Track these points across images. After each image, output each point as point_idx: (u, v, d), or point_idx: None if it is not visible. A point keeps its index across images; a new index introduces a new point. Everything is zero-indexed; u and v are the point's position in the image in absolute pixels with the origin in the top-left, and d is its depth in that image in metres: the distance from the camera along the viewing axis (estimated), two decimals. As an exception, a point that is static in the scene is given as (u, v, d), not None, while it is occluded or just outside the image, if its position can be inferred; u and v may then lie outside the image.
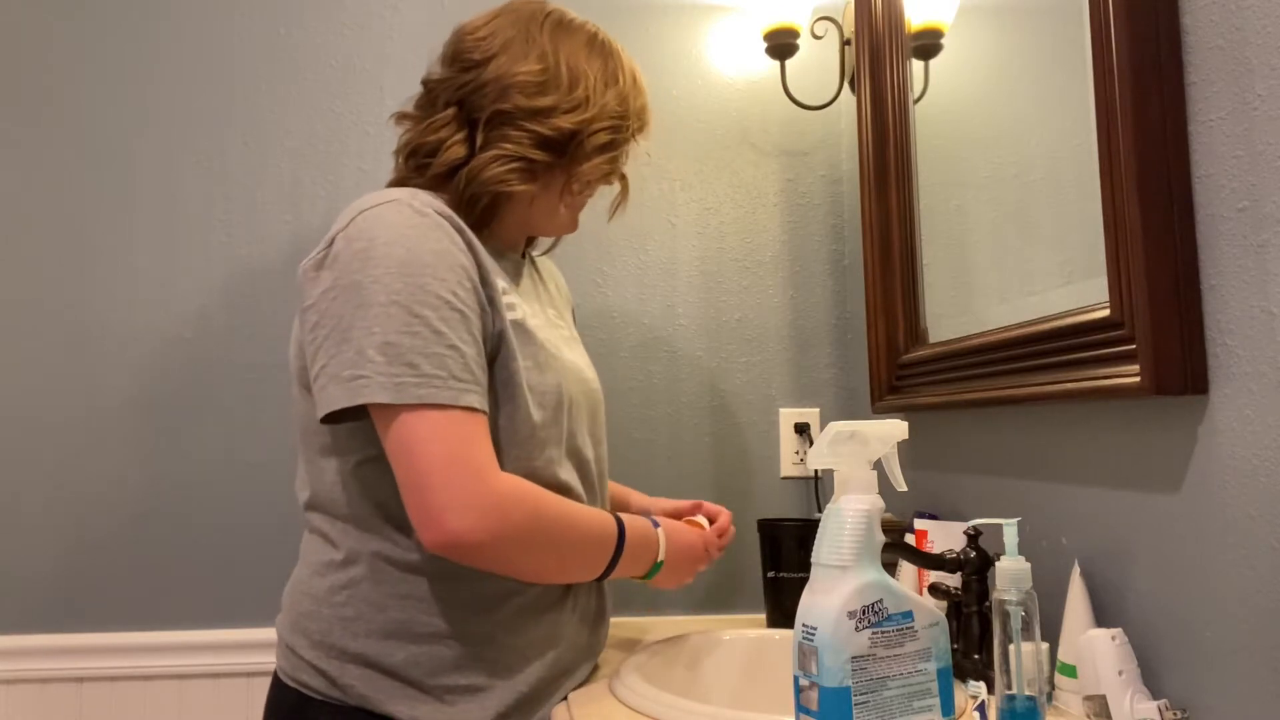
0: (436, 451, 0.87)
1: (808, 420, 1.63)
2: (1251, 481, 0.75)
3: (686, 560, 1.11)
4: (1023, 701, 0.75)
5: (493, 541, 0.88)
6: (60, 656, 1.47)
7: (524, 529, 0.90)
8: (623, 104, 1.06)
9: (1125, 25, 0.83)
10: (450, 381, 0.88)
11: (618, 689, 1.02)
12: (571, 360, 1.05)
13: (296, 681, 0.97)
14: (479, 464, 0.88)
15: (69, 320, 1.53)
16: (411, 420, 0.87)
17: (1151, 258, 0.81)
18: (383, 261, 0.89)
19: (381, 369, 0.87)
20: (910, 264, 1.38)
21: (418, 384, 0.87)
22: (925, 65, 1.36)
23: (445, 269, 0.91)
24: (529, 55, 1.01)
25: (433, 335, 0.88)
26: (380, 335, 0.87)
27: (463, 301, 0.91)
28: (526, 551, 0.92)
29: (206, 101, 1.59)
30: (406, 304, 0.88)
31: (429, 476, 0.87)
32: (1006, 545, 0.78)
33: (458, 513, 0.86)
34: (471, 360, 0.90)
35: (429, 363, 0.88)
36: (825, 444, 0.77)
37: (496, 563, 0.92)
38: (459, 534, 0.86)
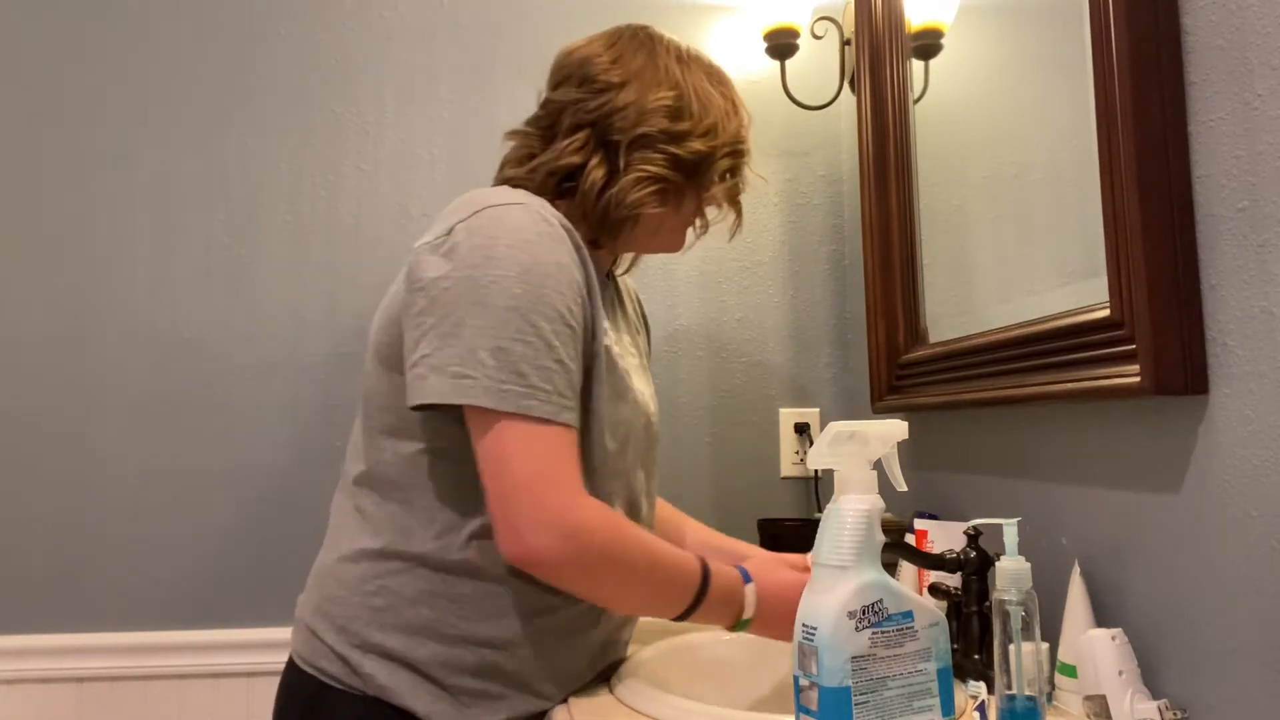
0: (529, 467, 0.88)
1: (808, 420, 1.63)
2: (1251, 481, 0.75)
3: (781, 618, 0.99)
4: (1023, 701, 0.75)
5: (568, 565, 0.88)
6: (60, 656, 1.47)
7: (601, 558, 0.89)
8: (740, 131, 1.08)
9: (1125, 25, 0.83)
10: (554, 396, 0.89)
11: (618, 689, 1.01)
12: (639, 391, 1.05)
13: (315, 668, 0.96)
14: (568, 484, 0.89)
15: (69, 320, 1.53)
16: (510, 430, 0.88)
17: (1151, 258, 0.81)
18: (505, 263, 0.89)
19: (491, 373, 0.87)
20: (910, 264, 1.38)
21: (523, 394, 0.87)
22: (925, 65, 1.36)
23: (565, 283, 0.91)
24: (661, 82, 1.04)
25: (545, 347, 0.89)
26: (493, 339, 0.88)
27: (575, 318, 0.92)
28: (600, 580, 0.92)
29: (206, 101, 1.59)
30: (524, 311, 0.88)
31: (518, 490, 0.87)
32: (1006, 545, 0.78)
33: (540, 531, 0.86)
34: (575, 378, 0.91)
35: (537, 375, 0.88)
36: (825, 444, 0.77)
37: (570, 585, 0.92)
38: (537, 552, 0.86)
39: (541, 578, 0.90)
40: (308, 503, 1.53)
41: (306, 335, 1.56)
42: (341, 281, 1.58)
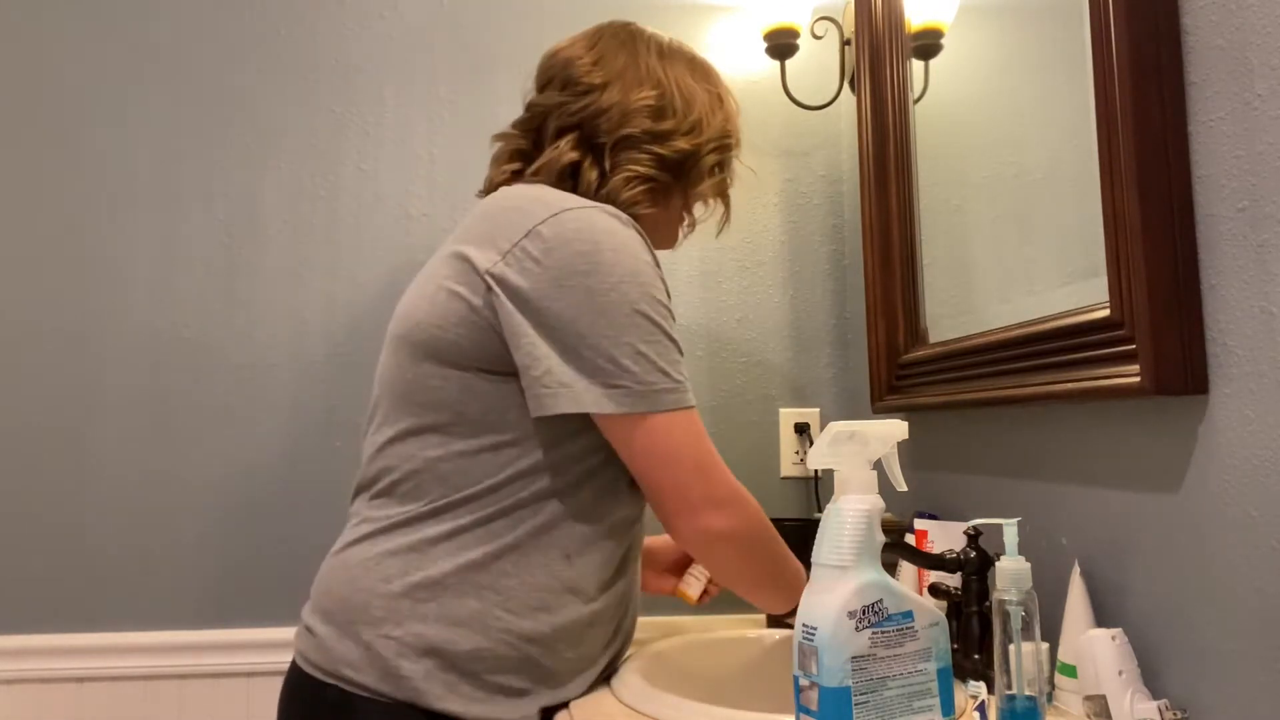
0: (694, 454, 0.95)
1: (808, 420, 1.63)
2: (1251, 481, 0.75)
3: None
4: (1023, 701, 0.75)
5: (742, 536, 0.97)
6: (60, 656, 1.47)
7: (756, 530, 0.99)
8: (728, 123, 1.10)
9: (1125, 25, 0.83)
10: (687, 384, 0.96)
11: (618, 689, 1.02)
12: None
13: (336, 676, 0.92)
14: (723, 464, 0.98)
15: (69, 320, 1.53)
16: (665, 425, 0.94)
17: (1151, 258, 0.81)
18: (615, 269, 0.93)
19: (639, 378, 0.92)
20: (910, 264, 1.38)
21: (670, 390, 0.94)
22: (925, 65, 1.36)
23: (659, 279, 0.97)
24: (643, 81, 1.06)
25: (670, 343, 0.96)
26: (631, 344, 0.92)
27: (671, 313, 0.98)
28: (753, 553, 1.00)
29: (207, 101, 1.59)
30: (647, 313, 0.94)
31: (691, 475, 0.95)
32: (1006, 545, 0.78)
33: (720, 507, 0.95)
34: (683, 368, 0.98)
35: (675, 369, 0.95)
36: (825, 444, 0.77)
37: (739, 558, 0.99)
38: (719, 526, 0.95)
39: (718, 554, 0.99)
40: (308, 502, 1.53)
41: (306, 335, 1.57)
42: (341, 281, 1.58)
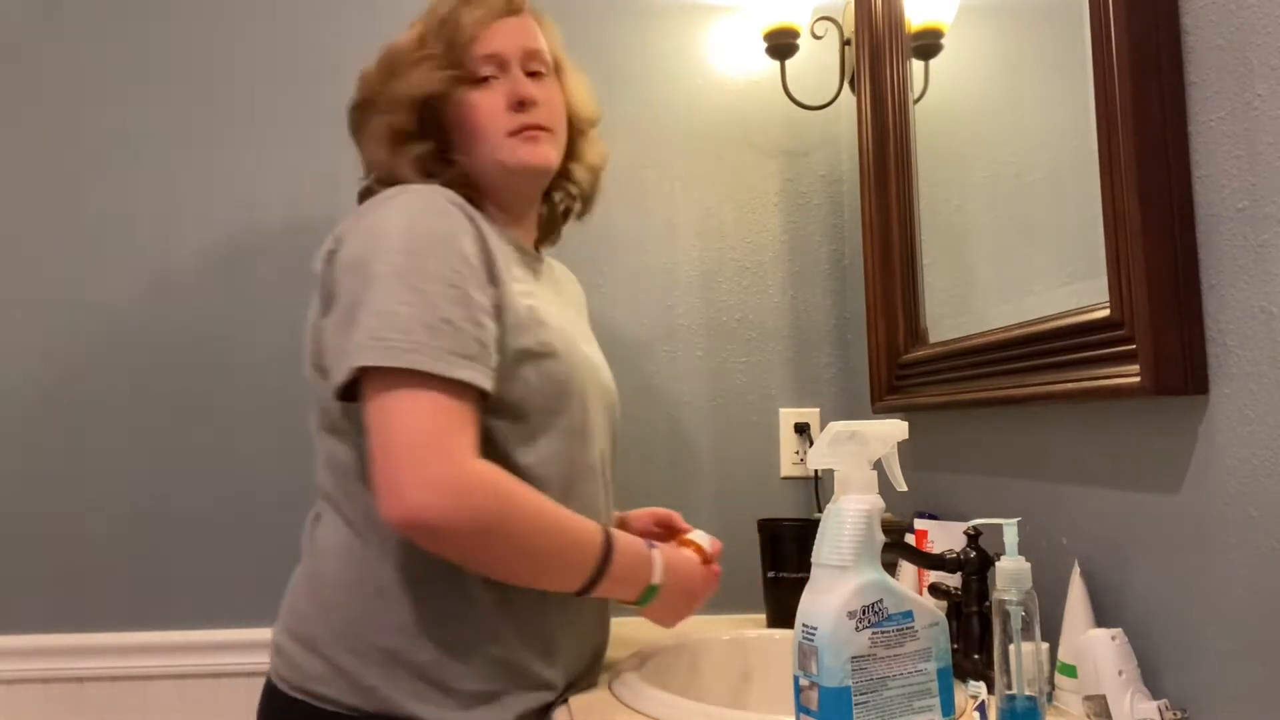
0: (413, 423, 0.85)
1: (808, 420, 1.63)
2: (1251, 481, 0.75)
3: (684, 592, 1.04)
4: (1023, 701, 0.75)
5: (449, 526, 0.84)
6: (60, 656, 1.47)
7: (486, 519, 0.86)
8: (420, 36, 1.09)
9: (1125, 25, 0.83)
10: (442, 353, 0.86)
11: (618, 689, 1.02)
12: (587, 354, 1.06)
13: (304, 691, 0.93)
14: (454, 442, 0.85)
15: (69, 320, 1.53)
16: (396, 387, 0.86)
17: (1151, 258, 0.81)
18: (387, 239, 0.91)
19: (374, 334, 0.86)
20: (910, 264, 1.38)
21: (408, 349, 0.86)
22: (925, 65, 1.36)
23: (447, 249, 0.91)
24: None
25: (427, 307, 0.87)
26: (378, 305, 0.87)
27: (465, 280, 0.91)
28: (486, 545, 0.88)
29: (207, 100, 1.59)
30: (406, 278, 0.88)
31: (399, 448, 0.84)
32: (1006, 545, 0.78)
33: (419, 489, 0.83)
34: (470, 338, 0.89)
35: (424, 332, 0.87)
36: (825, 444, 0.77)
37: (455, 550, 0.88)
38: (415, 511, 0.83)
39: (424, 544, 0.87)
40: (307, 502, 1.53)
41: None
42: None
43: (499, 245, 0.98)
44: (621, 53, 1.66)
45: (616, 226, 1.63)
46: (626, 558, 0.96)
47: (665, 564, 1.00)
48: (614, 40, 1.66)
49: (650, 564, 0.99)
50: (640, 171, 1.64)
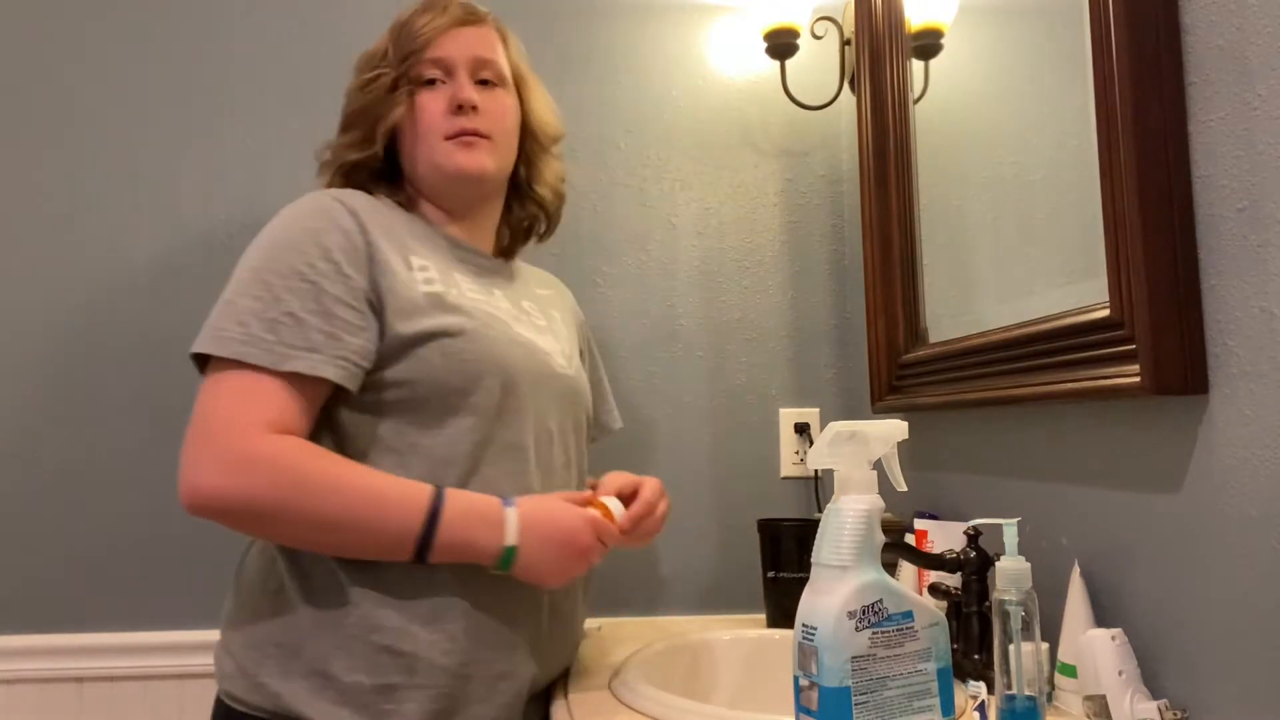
0: (214, 407, 0.89)
1: (808, 420, 1.63)
2: (1251, 481, 0.75)
3: (555, 548, 0.96)
4: (1023, 701, 0.75)
5: (225, 505, 0.87)
6: (60, 656, 1.47)
7: (267, 495, 0.87)
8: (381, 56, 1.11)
9: (1125, 25, 0.83)
10: (275, 346, 0.90)
11: (618, 689, 1.02)
12: (523, 339, 1.05)
13: (224, 691, 0.97)
14: (247, 422, 0.88)
15: (69, 319, 1.53)
16: (219, 375, 0.91)
17: (1151, 258, 0.81)
18: (259, 240, 0.98)
19: (219, 324, 0.92)
20: (910, 264, 1.38)
21: (242, 341, 0.90)
22: (925, 65, 1.36)
23: (309, 244, 0.96)
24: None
25: (272, 302, 0.92)
26: (226, 298, 0.94)
27: (321, 274, 0.94)
28: (275, 520, 0.89)
29: (207, 100, 1.59)
30: (259, 272, 0.94)
31: (195, 432, 0.89)
32: (1006, 545, 0.78)
33: (203, 470, 0.86)
34: (313, 329, 0.92)
35: (260, 325, 0.91)
36: (825, 444, 0.77)
37: (247, 527, 0.92)
38: (194, 492, 0.86)
39: (222, 523, 0.89)
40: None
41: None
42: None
43: (406, 238, 1.03)
44: (622, 53, 1.66)
45: (616, 226, 1.63)
46: (463, 519, 0.92)
47: (524, 523, 0.94)
48: (614, 40, 1.66)
49: (501, 524, 0.93)
50: (640, 171, 1.64)
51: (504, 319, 1.05)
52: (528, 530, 0.94)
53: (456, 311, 1.00)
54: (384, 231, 1.01)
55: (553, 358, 1.09)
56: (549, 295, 1.24)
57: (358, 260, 0.97)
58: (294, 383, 0.91)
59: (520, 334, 1.06)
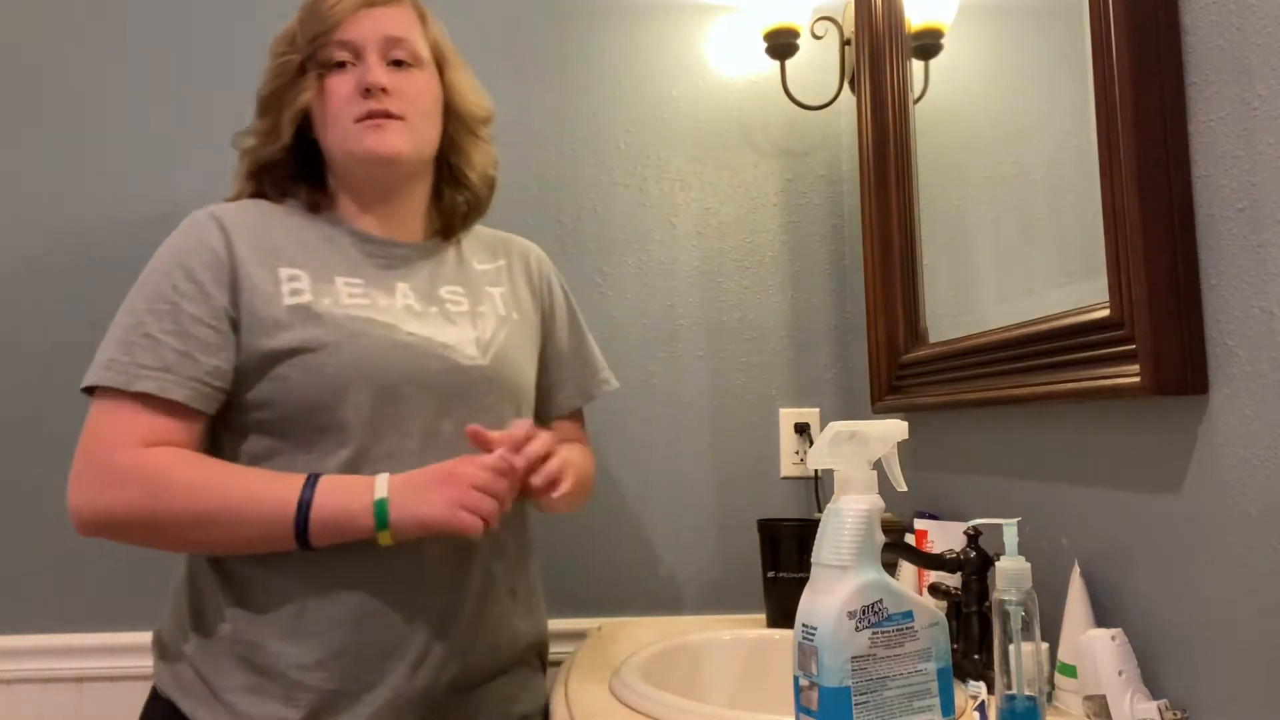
0: (92, 432, 0.95)
1: (808, 420, 1.63)
2: (1251, 481, 0.75)
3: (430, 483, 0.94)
4: (1023, 701, 0.75)
5: (103, 520, 0.93)
6: (60, 656, 1.47)
7: (138, 506, 0.92)
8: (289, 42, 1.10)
9: (1125, 25, 0.83)
10: (129, 368, 0.95)
11: (618, 689, 1.02)
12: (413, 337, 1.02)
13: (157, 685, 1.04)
14: (114, 442, 0.93)
15: (69, 319, 1.53)
16: (95, 401, 0.97)
17: (1151, 258, 0.81)
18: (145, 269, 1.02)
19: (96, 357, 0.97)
20: (910, 264, 1.38)
21: (103, 367, 0.96)
22: (925, 65, 1.36)
23: (175, 266, 0.99)
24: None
25: (133, 325, 0.97)
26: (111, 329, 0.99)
27: (181, 294, 0.98)
28: (152, 528, 0.94)
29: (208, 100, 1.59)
30: (132, 300, 0.99)
31: (76, 456, 0.94)
32: (1006, 545, 0.78)
33: (77, 489, 0.93)
34: (168, 348, 0.96)
35: (118, 349, 0.96)
36: (825, 444, 0.77)
37: (128, 538, 0.96)
38: (78, 511, 0.93)
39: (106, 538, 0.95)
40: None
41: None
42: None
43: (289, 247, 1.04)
44: (622, 53, 1.66)
45: (616, 226, 1.63)
46: (334, 489, 0.94)
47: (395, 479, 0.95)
48: (614, 40, 1.66)
49: (370, 486, 0.94)
50: (640, 171, 1.64)
51: (388, 321, 1.02)
52: (399, 483, 0.95)
53: (320, 323, 0.99)
54: (255, 245, 1.02)
55: (458, 350, 1.05)
56: (492, 269, 1.18)
57: (220, 278, 0.99)
58: (152, 403, 0.95)
59: (411, 333, 1.03)
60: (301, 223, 1.08)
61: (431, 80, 1.11)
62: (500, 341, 1.10)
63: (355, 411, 0.98)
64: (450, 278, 1.13)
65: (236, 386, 0.99)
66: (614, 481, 1.58)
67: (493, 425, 1.01)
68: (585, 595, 1.55)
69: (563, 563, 1.55)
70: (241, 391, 0.99)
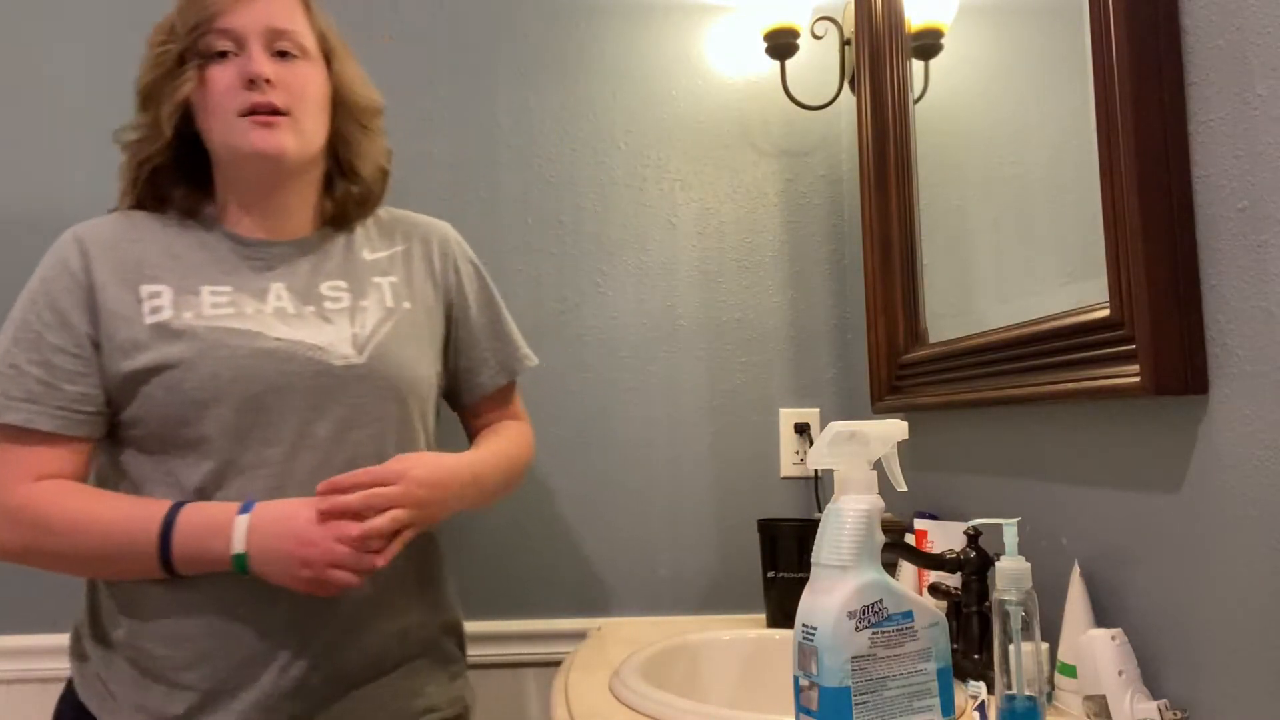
0: None
1: (808, 420, 1.63)
2: (1251, 481, 0.75)
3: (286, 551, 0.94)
4: (1023, 701, 0.75)
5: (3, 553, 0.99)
6: (60, 656, 1.46)
7: (24, 542, 0.98)
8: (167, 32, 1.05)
9: (1125, 25, 0.83)
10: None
11: (618, 689, 1.02)
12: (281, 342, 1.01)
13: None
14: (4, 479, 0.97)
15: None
16: None
17: (1151, 258, 0.81)
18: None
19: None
20: (910, 264, 1.38)
21: None
22: (925, 65, 1.36)
23: (40, 294, 1.01)
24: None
25: (2, 354, 0.99)
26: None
27: (45, 324, 0.99)
28: (39, 559, 1.00)
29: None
30: (5, 328, 1.01)
31: None
32: (1006, 545, 0.78)
33: None
34: (32, 379, 0.98)
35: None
36: (825, 444, 0.77)
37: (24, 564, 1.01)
38: None
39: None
40: (308, 503, 1.53)
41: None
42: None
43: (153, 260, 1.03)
44: (621, 52, 1.66)
45: (616, 226, 1.63)
46: (194, 534, 0.95)
47: (255, 528, 0.94)
48: (614, 40, 1.66)
49: (228, 534, 0.94)
50: (640, 171, 1.64)
51: (252, 329, 1.01)
52: (257, 535, 0.95)
53: (178, 339, 0.99)
54: (117, 264, 1.02)
55: (328, 352, 1.03)
56: (385, 257, 1.15)
57: (79, 304, 1.00)
58: (27, 434, 0.97)
59: (279, 338, 1.02)
60: (175, 231, 1.07)
61: (318, 72, 1.08)
62: (382, 336, 1.07)
63: (217, 424, 0.98)
64: (333, 272, 1.10)
65: (113, 407, 1.01)
66: (614, 481, 1.58)
67: (374, 424, 1.04)
68: (585, 595, 1.56)
69: (563, 563, 1.55)
70: (117, 411, 1.01)
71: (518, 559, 1.54)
